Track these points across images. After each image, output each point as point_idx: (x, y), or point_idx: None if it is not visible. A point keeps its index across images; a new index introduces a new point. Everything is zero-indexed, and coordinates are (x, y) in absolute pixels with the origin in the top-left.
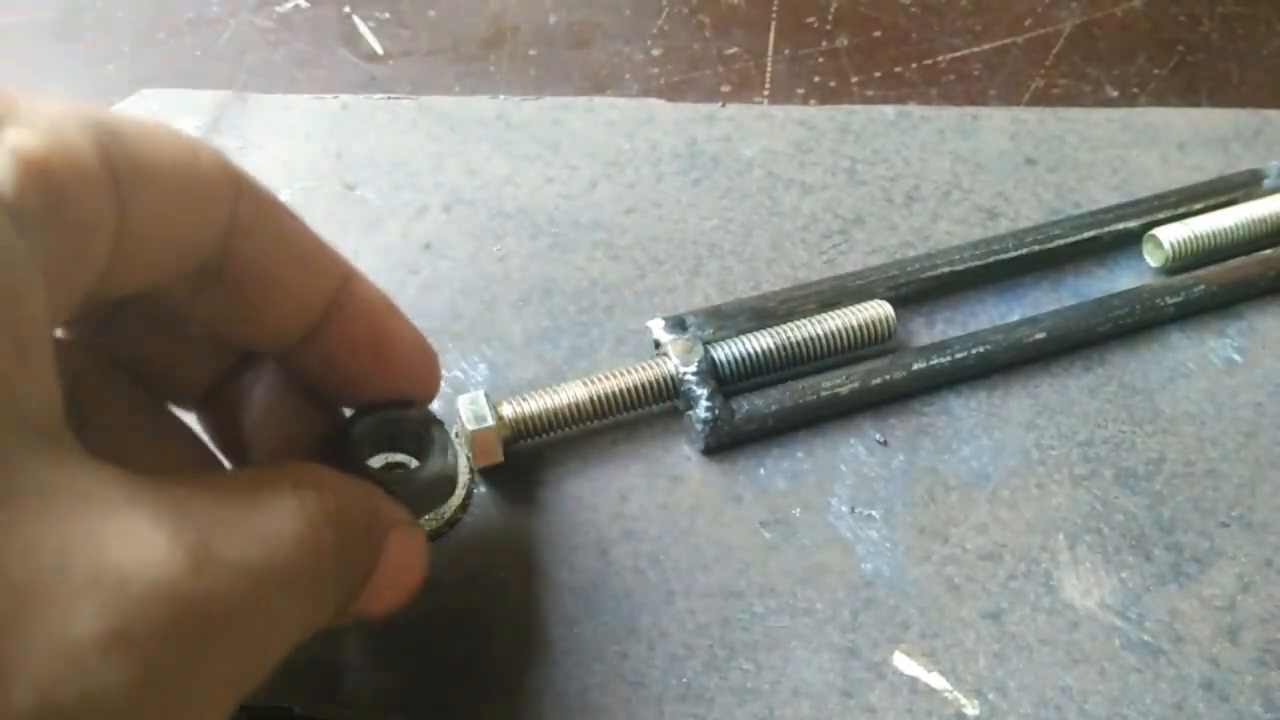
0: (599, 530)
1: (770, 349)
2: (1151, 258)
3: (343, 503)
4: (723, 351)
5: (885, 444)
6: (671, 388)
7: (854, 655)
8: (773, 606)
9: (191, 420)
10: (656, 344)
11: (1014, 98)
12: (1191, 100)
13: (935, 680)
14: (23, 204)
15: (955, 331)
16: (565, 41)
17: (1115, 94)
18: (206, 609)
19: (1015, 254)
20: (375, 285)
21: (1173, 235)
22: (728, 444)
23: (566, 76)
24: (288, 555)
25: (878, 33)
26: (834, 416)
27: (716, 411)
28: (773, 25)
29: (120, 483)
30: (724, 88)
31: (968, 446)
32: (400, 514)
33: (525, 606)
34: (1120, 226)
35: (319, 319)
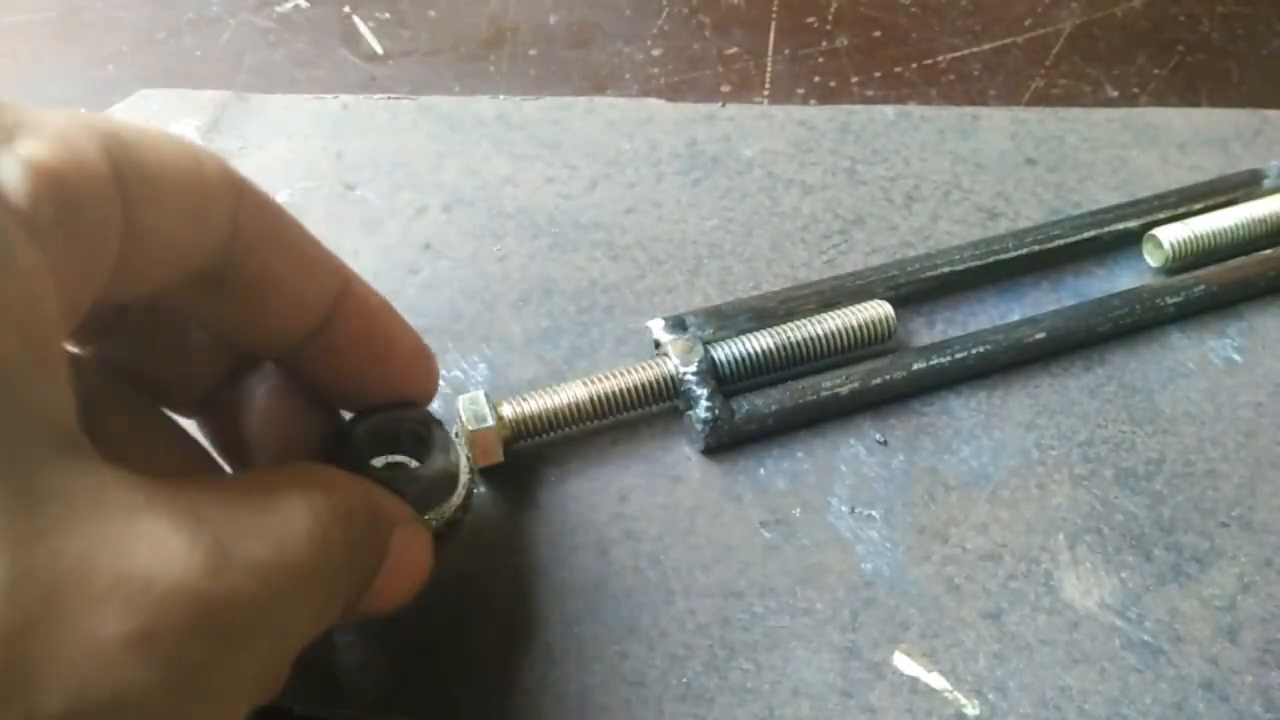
0: (599, 530)
1: (770, 349)
2: (1151, 258)
3: (349, 502)
4: (723, 351)
5: (885, 444)
6: (671, 388)
7: (854, 655)
8: (773, 606)
9: (191, 427)
10: (656, 344)
11: (1014, 98)
12: (1191, 100)
13: (935, 680)
14: (35, 212)
15: (955, 331)
16: (565, 41)
17: (1115, 94)
18: (226, 609)
19: (1015, 254)
20: (373, 288)
21: (1173, 235)
22: (728, 444)
23: (566, 76)
24: (299, 554)
25: (878, 33)
26: (834, 416)
27: (716, 411)
28: (773, 25)
29: (137, 487)
30: (724, 88)
31: (968, 446)
32: (404, 511)
33: (526, 606)
34: (1120, 226)
35: (319, 322)
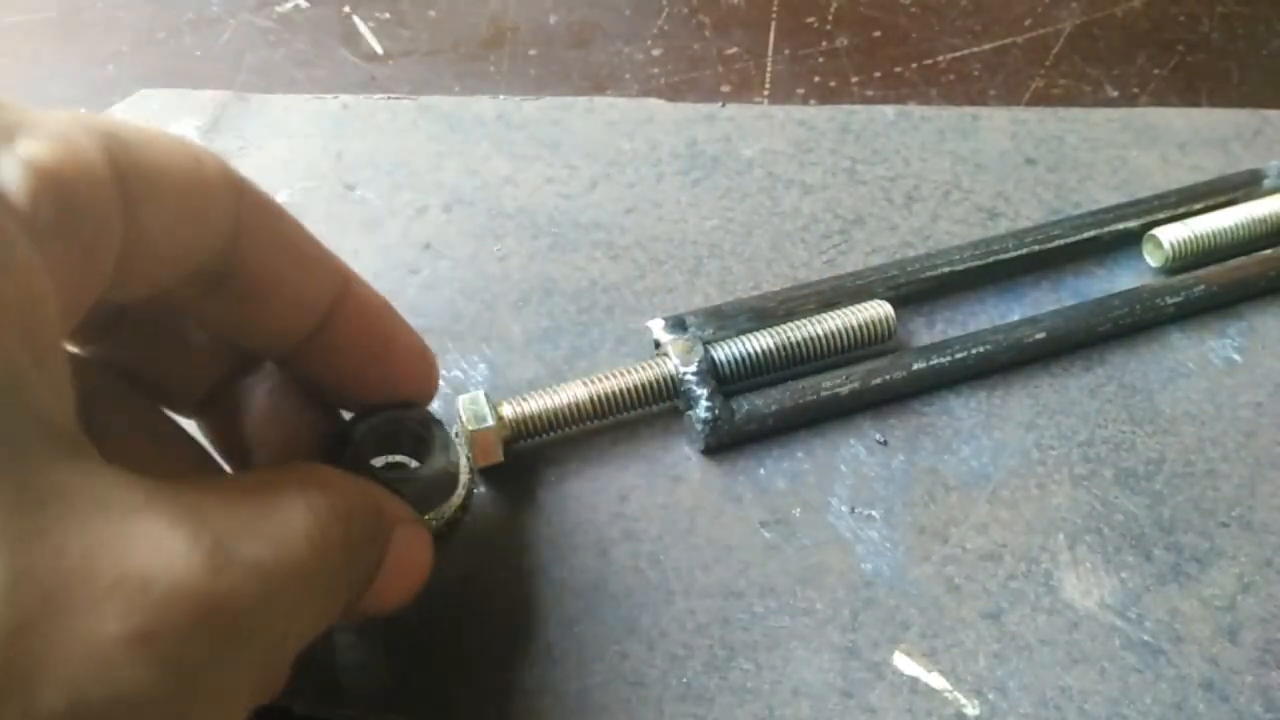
0: (599, 530)
1: (770, 349)
2: (1151, 258)
3: (349, 502)
4: (723, 351)
5: (885, 444)
6: (671, 388)
7: (854, 655)
8: (773, 606)
9: (191, 427)
10: (656, 344)
11: (1014, 98)
12: (1191, 100)
13: (935, 680)
14: (35, 213)
15: (955, 331)
16: (565, 41)
17: (1115, 94)
18: (226, 608)
19: (1015, 254)
20: (373, 289)
21: (1173, 235)
22: (728, 444)
23: (566, 76)
24: (299, 554)
25: (878, 33)
26: (834, 416)
27: (716, 411)
28: (773, 25)
29: (137, 487)
30: (724, 88)
31: (968, 446)
32: (404, 511)
33: (526, 606)
34: (1120, 226)
35: (319, 322)
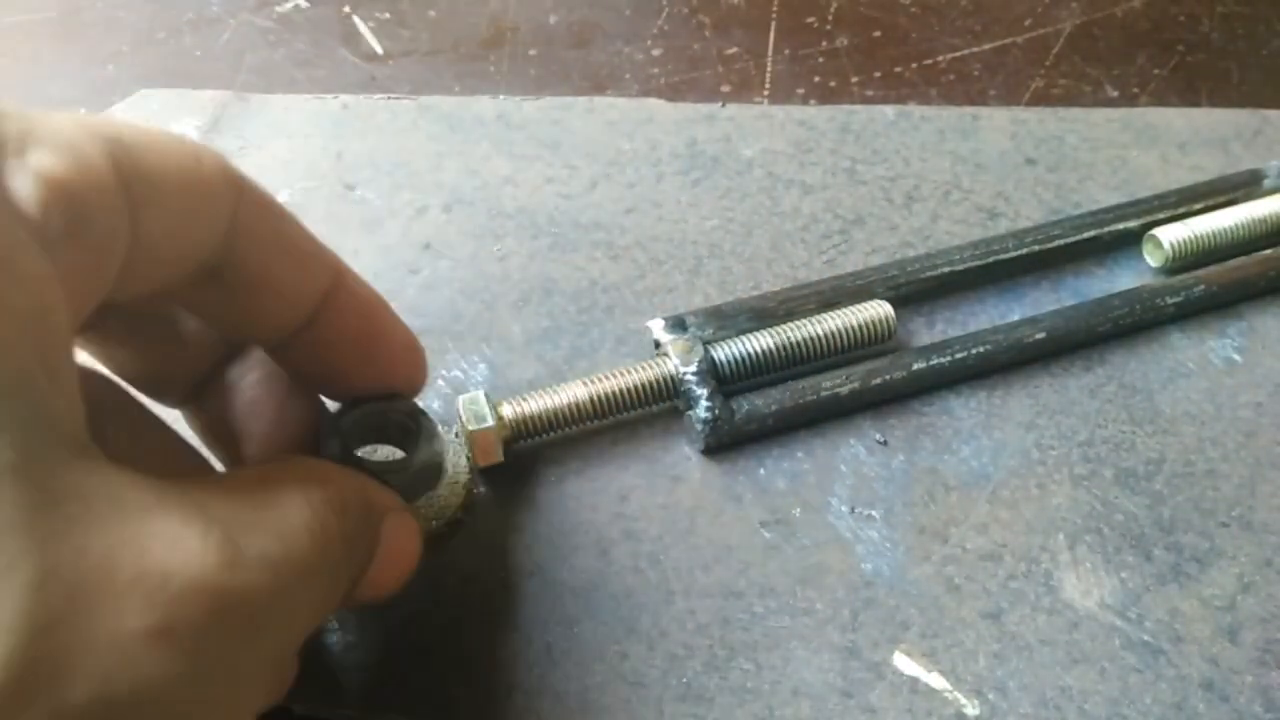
0: (599, 530)
1: (770, 349)
2: (1151, 258)
3: (343, 495)
4: (723, 351)
5: (885, 444)
6: (671, 388)
7: (854, 655)
8: (773, 606)
9: (177, 419)
10: (656, 344)
11: (1014, 98)
12: (1191, 100)
13: (935, 680)
14: (46, 223)
15: (955, 331)
16: (565, 41)
17: (1115, 94)
18: (241, 602)
19: (1015, 254)
20: (365, 282)
21: (1173, 235)
22: (728, 444)
23: (566, 76)
24: (301, 546)
25: (878, 33)
26: (834, 416)
27: (716, 411)
28: (773, 25)
29: (147, 487)
30: (724, 88)
31: (968, 446)
32: (393, 500)
33: (525, 606)
34: (1120, 226)
35: (311, 315)
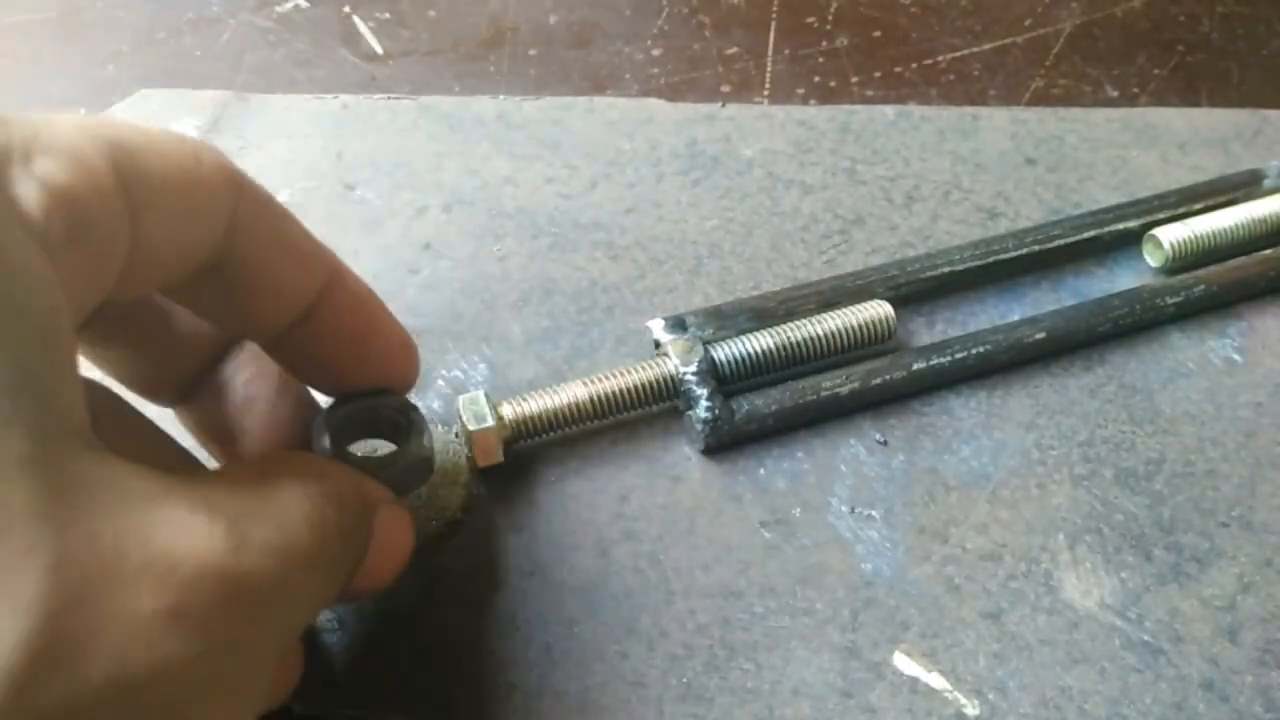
0: (599, 530)
1: (770, 349)
2: (1151, 258)
3: (339, 489)
4: (723, 351)
5: (885, 444)
6: (671, 388)
7: (854, 655)
8: (773, 606)
9: (168, 417)
10: (656, 344)
11: (1014, 98)
12: (1191, 100)
13: (935, 680)
14: (49, 228)
15: (955, 331)
16: (565, 41)
17: (1115, 94)
18: (248, 586)
19: (1015, 254)
20: (361, 279)
21: (1173, 235)
22: (728, 444)
23: (566, 76)
24: (301, 537)
25: (878, 33)
26: (834, 416)
27: (716, 411)
28: (773, 25)
29: (152, 478)
30: (724, 88)
31: (968, 446)
32: (385, 493)
33: (526, 606)
34: (1120, 226)
35: (304, 312)
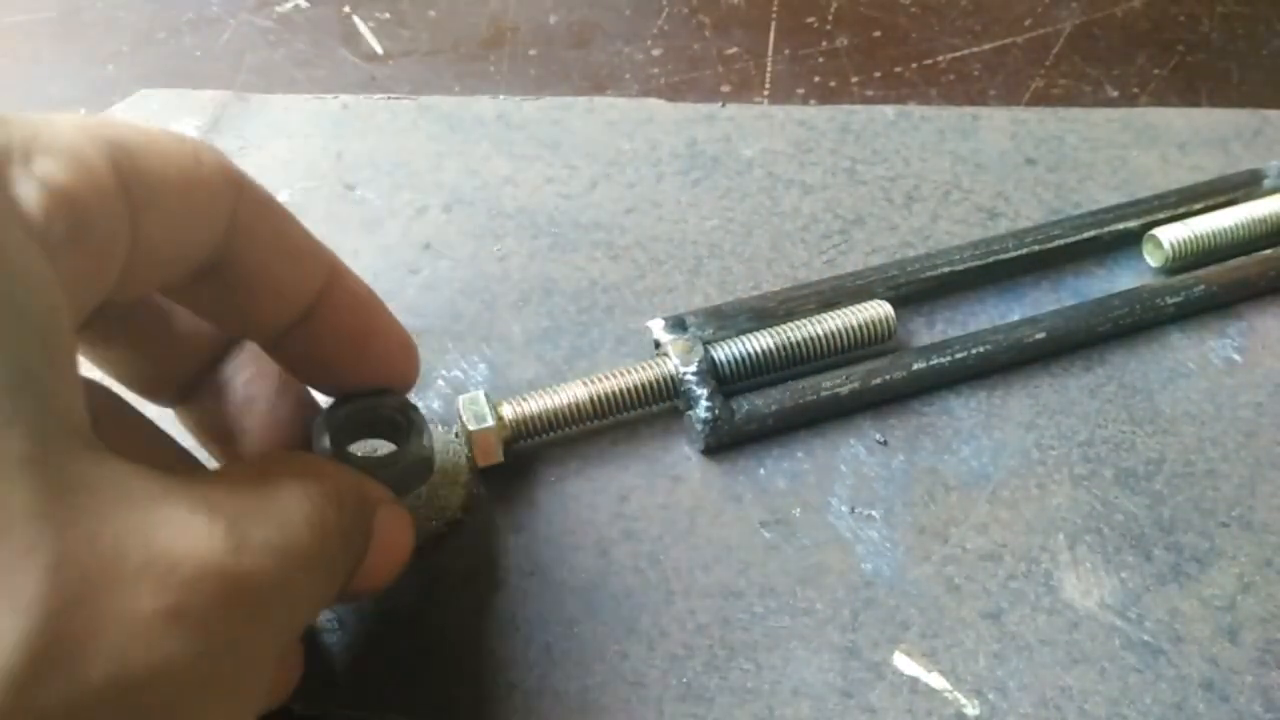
0: (599, 530)
1: (770, 349)
2: (1151, 258)
3: (339, 489)
4: (723, 351)
5: (885, 444)
6: (671, 388)
7: (854, 655)
8: (773, 606)
9: (168, 417)
10: (656, 344)
11: (1014, 98)
12: (1191, 100)
13: (935, 680)
14: (49, 229)
15: (955, 331)
16: (565, 41)
17: (1115, 94)
18: (247, 585)
19: (1015, 254)
20: (360, 279)
21: (1173, 235)
22: (728, 444)
23: (566, 76)
24: (301, 537)
25: (878, 33)
26: (834, 416)
27: (716, 411)
28: (773, 25)
29: (152, 478)
30: (724, 88)
31: (968, 446)
32: (384, 493)
33: (526, 606)
34: (1120, 226)
35: (304, 312)
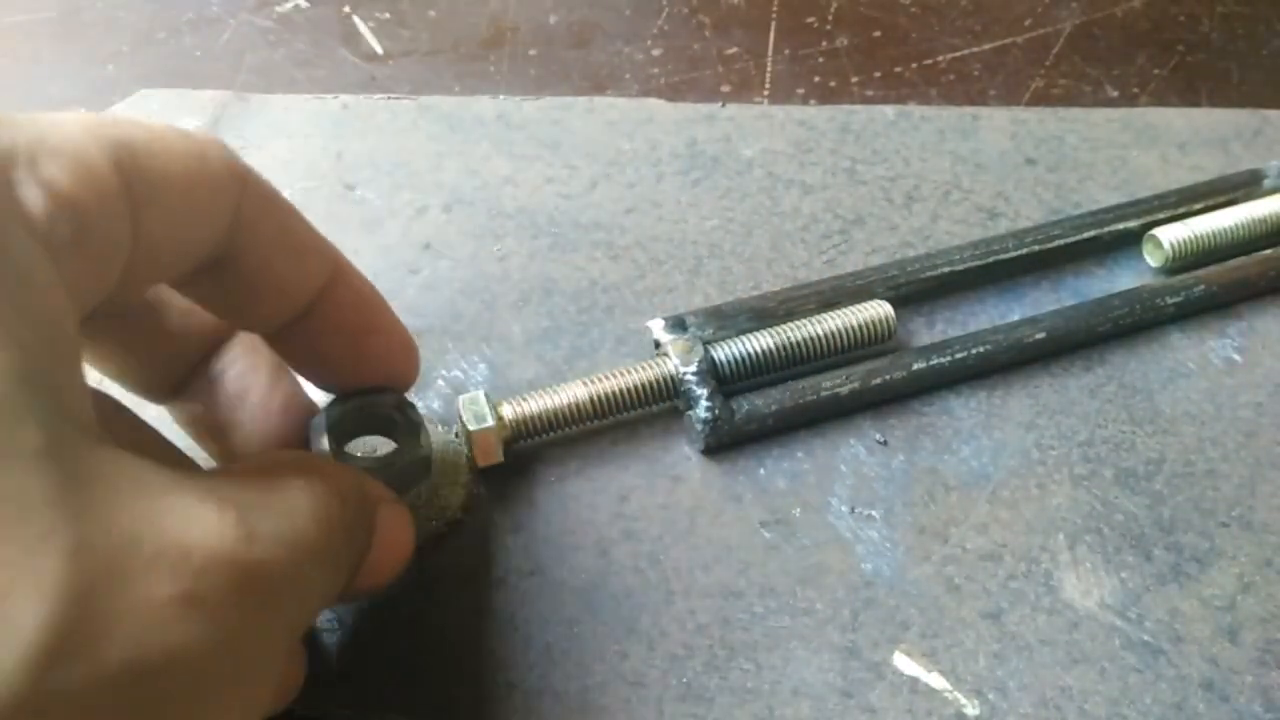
0: (599, 530)
1: (770, 349)
2: (1151, 258)
3: (341, 486)
4: (723, 351)
5: (885, 444)
6: (671, 388)
7: (854, 655)
8: (773, 606)
9: (161, 416)
10: (656, 344)
11: (1014, 98)
12: (1191, 100)
13: (935, 680)
14: (53, 232)
15: (955, 331)
16: (565, 41)
17: (1115, 94)
18: (259, 574)
19: (1015, 254)
20: (363, 276)
21: (1173, 235)
22: (728, 444)
23: (566, 76)
24: (308, 530)
25: (878, 33)
26: (834, 416)
27: (716, 411)
28: (773, 25)
29: (162, 471)
30: (724, 88)
31: (968, 446)
32: (385, 491)
33: (526, 606)
34: (1120, 226)
35: (306, 307)
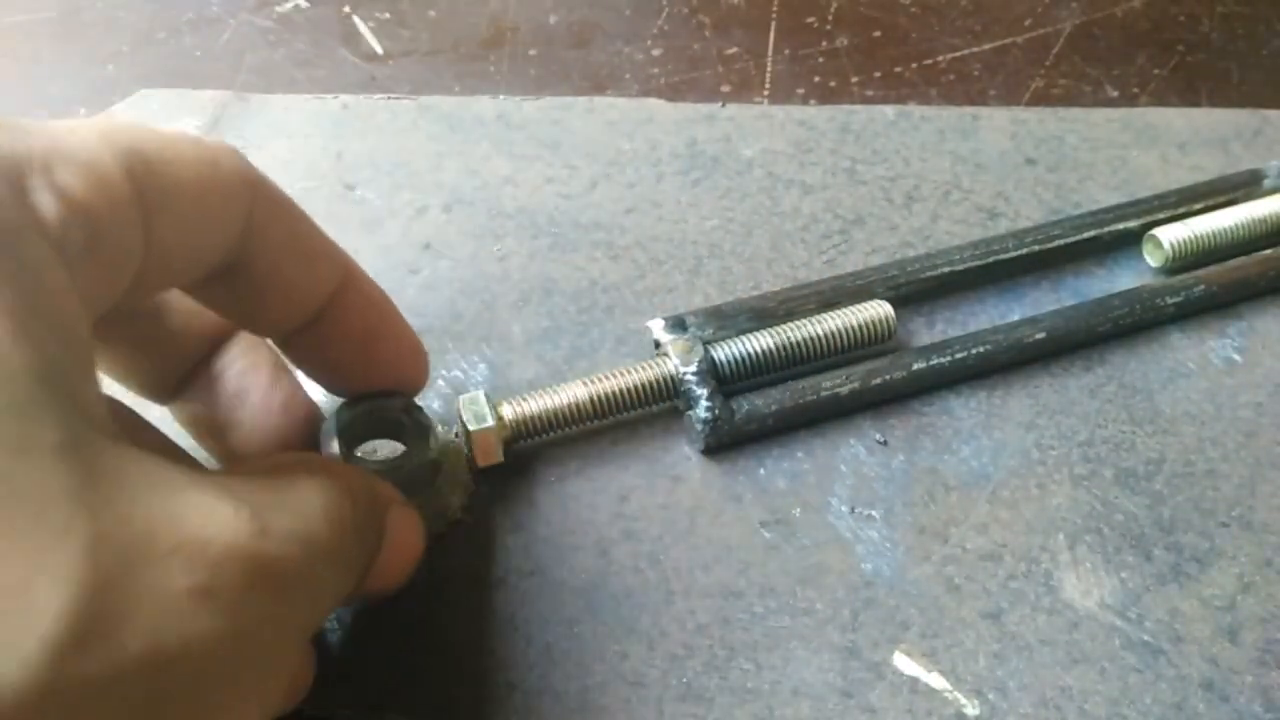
0: (599, 530)
1: (770, 349)
2: (1151, 258)
3: (351, 487)
4: (723, 351)
5: (885, 444)
6: (671, 388)
7: (854, 655)
8: (773, 606)
9: (164, 416)
10: (656, 344)
11: (1014, 98)
12: (1191, 100)
13: (935, 680)
14: (66, 238)
15: (955, 331)
16: (565, 41)
17: (1115, 94)
18: (273, 569)
19: (1015, 254)
20: (373, 282)
21: (1173, 235)
22: (728, 444)
23: (566, 76)
24: (320, 529)
25: (878, 33)
26: (834, 416)
27: (716, 411)
28: (773, 25)
29: (176, 468)
30: (724, 88)
31: (968, 446)
32: (395, 494)
33: (526, 606)
34: (1120, 226)
35: (316, 313)
